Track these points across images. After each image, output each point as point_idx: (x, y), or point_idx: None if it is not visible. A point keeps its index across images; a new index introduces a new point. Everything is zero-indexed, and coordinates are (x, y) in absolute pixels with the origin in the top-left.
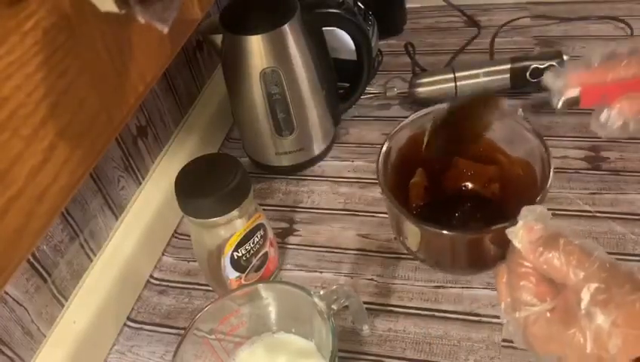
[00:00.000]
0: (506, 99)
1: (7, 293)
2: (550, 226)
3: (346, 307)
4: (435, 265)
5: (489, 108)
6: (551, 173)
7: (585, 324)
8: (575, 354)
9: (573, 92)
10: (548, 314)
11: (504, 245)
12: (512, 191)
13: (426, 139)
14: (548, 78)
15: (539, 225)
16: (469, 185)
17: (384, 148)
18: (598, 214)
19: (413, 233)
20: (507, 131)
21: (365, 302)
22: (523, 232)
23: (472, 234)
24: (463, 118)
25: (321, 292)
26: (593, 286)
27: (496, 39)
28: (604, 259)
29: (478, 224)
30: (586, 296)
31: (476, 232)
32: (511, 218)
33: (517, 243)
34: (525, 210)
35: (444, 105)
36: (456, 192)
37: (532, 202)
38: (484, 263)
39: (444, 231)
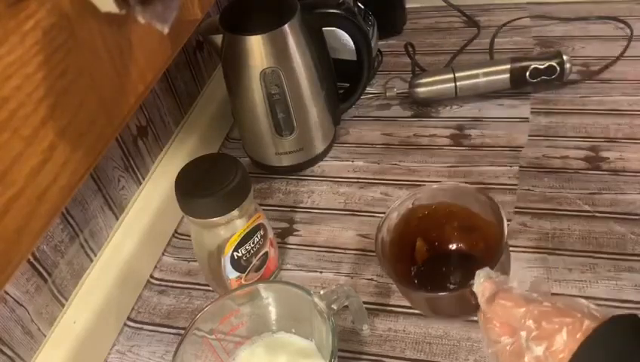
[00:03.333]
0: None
1: (7, 293)
2: (498, 282)
3: (346, 307)
4: (430, 315)
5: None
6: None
7: (529, 356)
8: None
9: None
10: (509, 348)
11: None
12: (493, 247)
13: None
14: (477, 278)
15: (487, 284)
16: (461, 246)
17: (381, 234)
18: (597, 214)
19: (410, 296)
20: (477, 203)
21: (365, 302)
22: (478, 291)
23: (444, 293)
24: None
25: (321, 292)
26: (528, 326)
27: (496, 39)
28: (536, 301)
29: (469, 276)
30: (523, 335)
31: (449, 291)
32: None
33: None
34: (477, 274)
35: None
36: (452, 252)
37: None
38: (467, 311)
39: (421, 292)
